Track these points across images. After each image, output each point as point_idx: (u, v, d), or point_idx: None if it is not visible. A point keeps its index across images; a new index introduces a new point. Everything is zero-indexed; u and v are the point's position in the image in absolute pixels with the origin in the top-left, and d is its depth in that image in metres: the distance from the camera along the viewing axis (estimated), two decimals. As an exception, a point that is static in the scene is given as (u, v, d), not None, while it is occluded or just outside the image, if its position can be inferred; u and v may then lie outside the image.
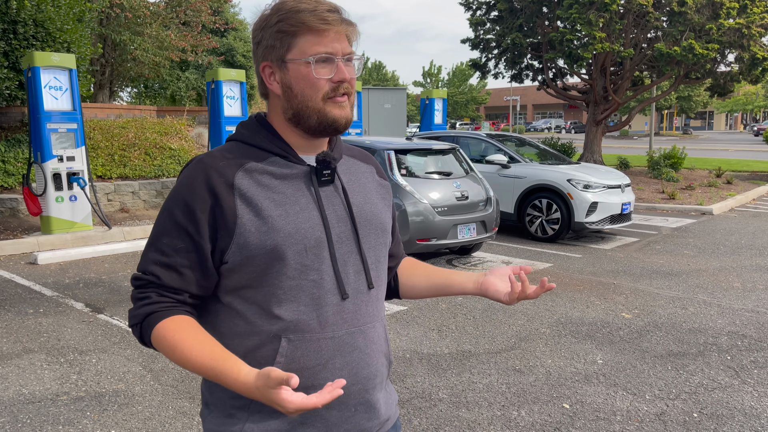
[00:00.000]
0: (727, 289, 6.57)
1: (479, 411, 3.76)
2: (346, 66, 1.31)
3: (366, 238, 1.38)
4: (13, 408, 3.79)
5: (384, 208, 1.47)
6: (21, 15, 10.06)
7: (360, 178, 1.44)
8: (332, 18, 1.28)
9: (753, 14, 15.79)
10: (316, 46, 1.28)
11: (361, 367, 1.34)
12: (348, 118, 1.34)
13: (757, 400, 3.90)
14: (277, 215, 1.27)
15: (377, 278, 1.41)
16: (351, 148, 1.52)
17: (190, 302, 1.32)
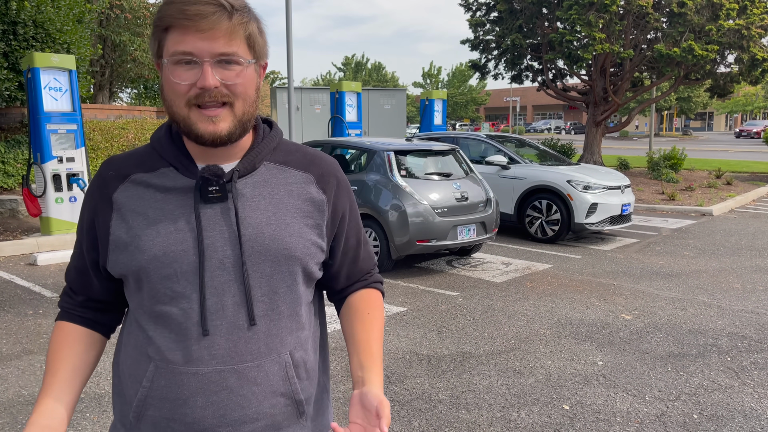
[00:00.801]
0: (727, 290, 6.57)
1: (479, 412, 3.76)
2: (221, 68, 1.12)
3: (258, 265, 1.18)
4: (13, 409, 3.79)
5: (301, 229, 1.23)
6: (21, 16, 10.06)
7: (277, 191, 1.23)
8: (194, 11, 1.08)
9: (753, 15, 15.81)
10: (177, 45, 1.11)
11: (231, 409, 1.18)
12: (218, 134, 1.14)
13: (758, 402, 3.90)
14: (146, 235, 1.17)
15: (270, 311, 1.20)
16: (290, 150, 1.31)
17: (89, 305, 1.31)
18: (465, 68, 59.10)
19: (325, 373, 1.40)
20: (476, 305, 6.00)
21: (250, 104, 1.17)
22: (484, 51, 19.67)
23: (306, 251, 1.23)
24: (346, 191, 1.35)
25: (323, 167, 1.31)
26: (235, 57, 1.12)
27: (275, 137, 1.29)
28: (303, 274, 1.25)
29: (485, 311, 5.81)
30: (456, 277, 7.19)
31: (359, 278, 1.42)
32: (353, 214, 1.37)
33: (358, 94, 13.07)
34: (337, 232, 1.33)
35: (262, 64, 1.21)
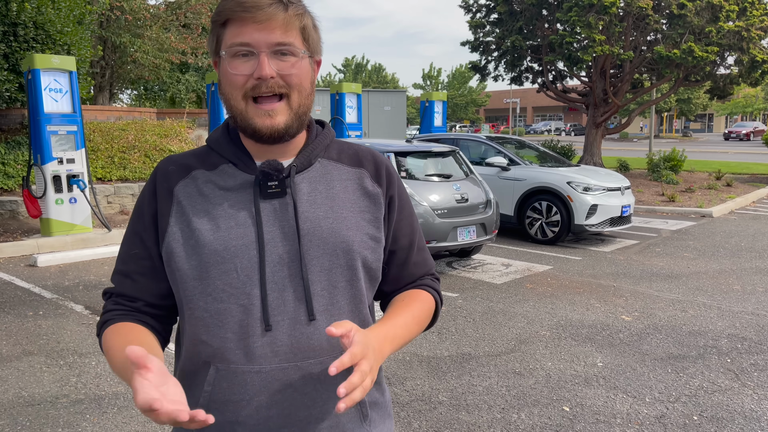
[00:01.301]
0: (727, 291, 6.57)
1: (479, 414, 3.76)
2: (276, 59, 1.12)
3: (316, 260, 1.17)
4: (13, 410, 3.79)
5: (358, 224, 1.22)
6: (21, 17, 10.07)
7: (333, 186, 1.23)
8: (251, 3, 1.10)
9: (752, 17, 15.82)
10: (234, 37, 1.12)
11: (296, 408, 1.16)
12: (275, 128, 1.15)
13: (757, 403, 3.90)
14: (206, 230, 1.16)
15: (330, 306, 1.18)
16: (343, 148, 1.31)
17: (147, 310, 1.24)
18: (465, 70, 59.14)
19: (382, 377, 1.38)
20: (476, 307, 6.00)
21: (305, 96, 1.18)
22: (484, 52, 19.68)
23: (363, 244, 1.22)
24: (400, 188, 1.33)
25: (376, 163, 1.31)
26: (291, 47, 1.13)
27: (328, 135, 1.30)
28: (363, 269, 1.23)
29: (485, 313, 5.81)
30: (456, 278, 7.19)
31: (408, 282, 1.37)
32: (406, 213, 1.34)
33: (358, 95, 13.08)
34: (390, 230, 1.31)
35: (317, 59, 1.22)
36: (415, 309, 1.29)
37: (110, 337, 1.18)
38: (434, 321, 1.38)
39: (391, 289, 1.37)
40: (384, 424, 1.32)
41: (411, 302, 1.30)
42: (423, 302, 1.32)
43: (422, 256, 1.37)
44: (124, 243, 1.27)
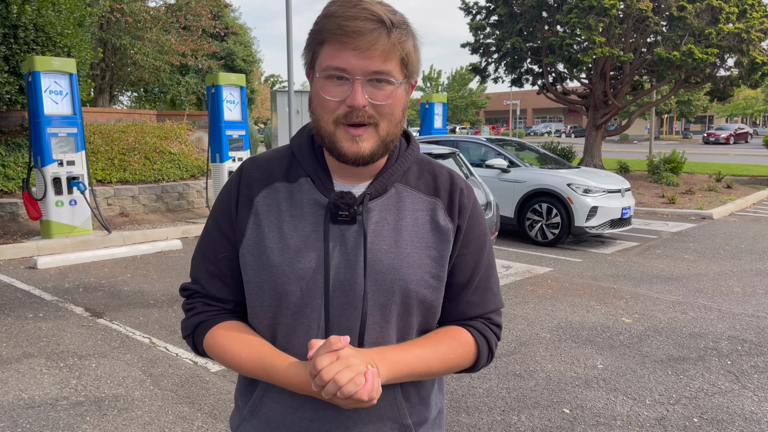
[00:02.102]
0: (727, 293, 6.56)
1: (479, 416, 3.75)
2: (372, 87, 1.10)
3: (372, 293, 1.16)
4: (13, 413, 3.79)
5: (421, 261, 1.19)
6: (21, 19, 10.08)
7: (403, 217, 1.20)
8: (353, 27, 1.06)
9: (752, 19, 15.83)
10: (331, 60, 1.09)
11: (336, 426, 1.18)
12: (360, 155, 1.13)
13: (758, 405, 3.90)
14: (277, 248, 1.18)
15: (380, 339, 1.18)
16: (422, 171, 1.26)
17: (236, 310, 1.28)
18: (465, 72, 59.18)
19: (441, 392, 1.37)
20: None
21: (395, 125, 1.15)
22: (484, 54, 19.69)
23: (423, 283, 1.19)
24: (472, 220, 1.26)
25: (451, 191, 1.25)
26: (388, 77, 1.10)
27: (410, 157, 1.25)
28: (419, 306, 1.20)
29: (485, 315, 5.80)
30: (456, 280, 7.17)
31: (456, 319, 1.28)
32: (472, 248, 1.26)
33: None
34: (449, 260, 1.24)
35: (412, 82, 1.19)
36: (441, 345, 1.22)
37: (223, 337, 1.21)
38: (477, 366, 1.29)
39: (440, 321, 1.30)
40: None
41: (441, 337, 1.24)
42: (455, 341, 1.24)
43: (480, 297, 1.28)
44: (210, 241, 1.27)
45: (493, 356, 1.31)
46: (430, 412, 1.30)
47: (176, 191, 11.96)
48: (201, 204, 12.24)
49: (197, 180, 12.53)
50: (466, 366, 1.27)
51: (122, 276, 7.32)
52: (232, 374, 4.38)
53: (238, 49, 27.80)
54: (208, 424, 3.65)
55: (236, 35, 27.68)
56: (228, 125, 10.92)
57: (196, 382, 4.25)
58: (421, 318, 1.23)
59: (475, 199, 1.28)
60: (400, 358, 1.16)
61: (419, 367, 1.18)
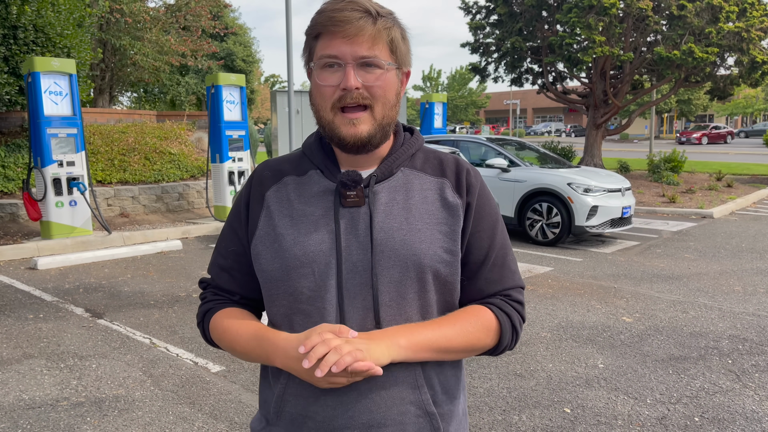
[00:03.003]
0: (728, 292, 6.56)
1: (480, 416, 3.75)
2: (362, 71, 1.17)
3: (386, 270, 1.19)
4: (13, 414, 3.78)
5: (433, 236, 1.22)
6: (21, 20, 10.08)
7: (412, 196, 1.25)
8: (341, 17, 1.15)
9: (752, 18, 15.83)
10: (324, 49, 1.18)
11: (359, 411, 1.20)
12: (358, 136, 1.19)
13: (759, 404, 3.89)
14: (289, 234, 1.23)
15: (397, 316, 1.21)
16: (428, 157, 1.32)
17: (243, 302, 1.35)
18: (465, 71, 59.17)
19: (464, 392, 1.37)
20: (477, 308, 5.99)
21: (389, 108, 1.22)
22: (484, 54, 19.69)
23: (436, 257, 1.21)
24: (482, 198, 1.29)
25: (458, 170, 1.30)
26: (376, 60, 1.17)
27: (414, 144, 1.31)
28: (435, 282, 1.23)
29: (486, 314, 5.80)
30: (456, 280, 7.17)
31: (476, 298, 1.30)
32: (485, 225, 1.29)
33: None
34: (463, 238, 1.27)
35: (405, 71, 1.26)
36: (461, 321, 1.24)
37: (222, 320, 1.31)
38: (501, 344, 1.28)
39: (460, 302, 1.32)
40: None
41: (461, 314, 1.25)
42: (476, 317, 1.25)
43: (498, 273, 1.30)
44: (223, 238, 1.36)
45: (517, 336, 1.31)
46: (456, 407, 1.30)
47: (176, 192, 11.96)
48: (201, 204, 12.24)
49: (197, 180, 12.53)
50: (489, 343, 1.27)
51: (122, 276, 7.32)
52: (232, 374, 4.38)
53: (238, 49, 27.82)
54: (209, 424, 3.65)
55: (236, 35, 27.69)
56: (228, 125, 10.91)
57: (196, 382, 4.25)
58: (439, 295, 1.25)
59: (482, 180, 1.32)
60: (419, 331, 1.19)
61: (439, 342, 1.19)
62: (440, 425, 1.26)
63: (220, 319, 1.31)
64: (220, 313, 1.32)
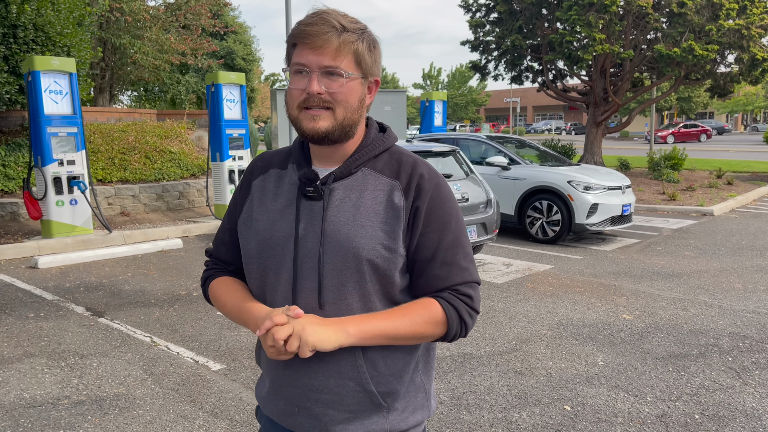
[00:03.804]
0: (728, 290, 6.56)
1: (480, 413, 3.75)
2: (326, 79, 1.33)
3: (331, 259, 1.35)
4: (14, 412, 3.79)
5: (374, 233, 1.36)
6: (21, 19, 10.07)
7: (363, 195, 1.39)
8: (311, 31, 1.32)
9: (752, 15, 15.80)
10: (296, 57, 1.35)
11: (301, 376, 1.41)
12: (316, 130, 1.35)
13: (759, 402, 3.90)
14: (262, 220, 1.45)
15: (338, 301, 1.36)
16: (392, 159, 1.45)
17: (238, 272, 1.57)
18: (465, 69, 59.13)
19: (427, 374, 1.52)
20: (477, 306, 5.99)
21: (351, 111, 1.37)
22: (484, 52, 19.67)
23: (374, 252, 1.35)
24: (433, 202, 1.40)
25: (411, 175, 1.41)
26: (338, 70, 1.33)
27: (379, 145, 1.45)
28: (373, 274, 1.36)
29: (486, 312, 5.81)
30: (457, 278, 7.17)
31: (427, 292, 1.41)
32: (434, 227, 1.39)
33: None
34: (410, 238, 1.39)
35: (371, 80, 1.41)
36: (409, 311, 1.36)
37: (217, 289, 1.55)
38: (449, 333, 1.40)
39: (413, 296, 1.45)
40: (412, 415, 1.47)
41: (410, 306, 1.38)
42: (423, 308, 1.37)
43: (446, 271, 1.40)
44: (225, 216, 1.60)
45: (466, 326, 1.41)
46: (403, 386, 1.44)
47: (177, 190, 11.96)
48: (201, 203, 12.24)
49: (198, 179, 12.53)
50: (437, 333, 1.39)
51: (123, 275, 7.32)
52: (233, 373, 4.39)
53: (238, 47, 27.79)
54: (209, 422, 3.66)
55: (236, 34, 27.67)
56: (228, 124, 10.91)
57: (197, 380, 4.25)
58: (380, 286, 1.38)
59: (438, 184, 1.42)
60: (368, 320, 1.34)
61: (387, 330, 1.34)
62: (382, 402, 1.42)
63: (215, 286, 1.55)
64: (216, 281, 1.57)
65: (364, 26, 1.38)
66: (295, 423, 1.46)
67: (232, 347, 4.90)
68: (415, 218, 1.38)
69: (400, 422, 1.44)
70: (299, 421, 1.45)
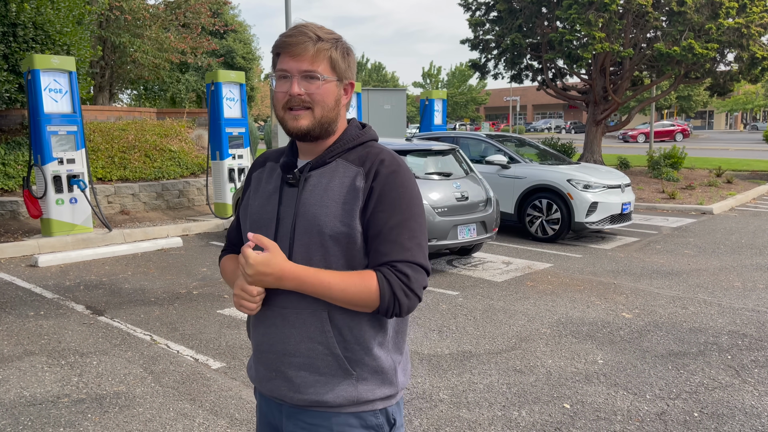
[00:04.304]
0: (727, 288, 6.57)
1: (480, 411, 3.76)
2: (305, 82, 1.52)
3: (300, 236, 1.55)
4: (14, 410, 3.80)
5: (336, 212, 1.53)
6: (20, 18, 10.07)
7: (332, 181, 1.57)
8: (291, 41, 1.52)
9: (752, 14, 15.79)
10: (279, 64, 1.55)
11: (275, 341, 1.59)
12: (299, 128, 1.55)
13: (758, 400, 3.90)
14: (254, 205, 1.67)
15: None
16: (365, 152, 1.61)
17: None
18: (465, 68, 59.09)
19: (397, 349, 1.65)
20: (477, 305, 6.01)
21: (328, 110, 1.56)
22: (483, 50, 19.66)
23: (334, 228, 1.53)
24: (388, 185, 1.54)
25: (372, 162, 1.57)
26: (314, 73, 1.52)
27: (353, 140, 1.62)
28: (335, 248, 1.54)
29: (486, 310, 5.81)
30: (456, 276, 7.19)
31: (371, 266, 1.54)
32: (384, 206, 1.53)
33: (358, 94, 13.08)
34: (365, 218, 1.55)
35: (346, 82, 1.60)
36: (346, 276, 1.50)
37: (223, 263, 1.80)
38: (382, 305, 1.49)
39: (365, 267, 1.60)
40: (383, 387, 1.59)
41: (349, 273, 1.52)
42: (359, 277, 1.50)
43: (388, 248, 1.52)
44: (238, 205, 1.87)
45: (399, 303, 1.49)
46: (370, 356, 1.57)
47: (176, 189, 11.96)
48: (201, 201, 12.24)
49: (197, 177, 12.53)
50: (370, 303, 1.49)
51: (123, 274, 7.33)
52: (233, 371, 4.39)
53: (238, 46, 27.78)
54: (209, 420, 3.66)
55: (235, 33, 27.65)
56: (228, 123, 10.91)
57: (197, 379, 4.26)
58: (344, 260, 1.54)
59: (395, 171, 1.55)
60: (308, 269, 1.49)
61: (321, 280, 1.48)
62: (351, 370, 1.55)
63: (222, 262, 1.80)
64: (224, 258, 1.81)
65: (339, 36, 1.58)
66: (273, 387, 1.61)
67: (231, 345, 4.91)
68: (369, 198, 1.53)
69: (367, 392, 1.56)
70: (277, 384, 1.60)
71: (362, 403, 1.57)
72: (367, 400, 1.57)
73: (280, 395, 1.61)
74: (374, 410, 1.59)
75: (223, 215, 10.87)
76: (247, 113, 11.63)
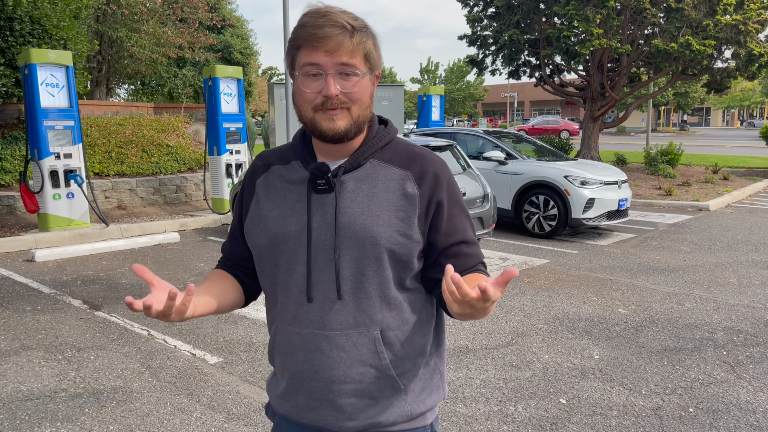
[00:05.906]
0: (723, 284, 6.59)
1: (476, 406, 3.78)
2: (340, 79, 1.33)
3: (348, 249, 1.38)
4: (12, 405, 3.80)
5: (390, 221, 1.39)
6: (17, 12, 10.04)
7: (375, 186, 1.41)
8: (323, 34, 1.31)
9: (750, 10, 15.80)
10: (306, 59, 1.34)
11: (322, 368, 1.42)
12: (336, 130, 1.36)
13: (753, 395, 3.93)
14: (272, 216, 1.45)
15: (357, 290, 1.39)
16: (398, 149, 1.48)
17: (237, 266, 1.61)
18: (463, 64, 59.00)
19: (439, 356, 1.56)
20: (473, 300, 6.01)
21: (364, 108, 1.39)
22: (481, 47, 19.64)
23: (391, 240, 1.38)
24: (446, 189, 1.45)
25: (424, 165, 1.45)
26: (353, 69, 1.34)
27: (384, 137, 1.47)
28: (391, 261, 1.40)
29: (482, 306, 5.82)
30: (453, 272, 7.19)
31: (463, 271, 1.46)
32: (450, 211, 1.45)
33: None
34: (430, 225, 1.44)
35: (376, 74, 1.43)
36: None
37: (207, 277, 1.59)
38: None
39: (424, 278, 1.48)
40: (429, 396, 1.51)
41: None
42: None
43: (474, 250, 1.48)
44: (233, 217, 1.63)
45: None
46: (419, 368, 1.49)
47: (174, 184, 11.95)
48: (198, 197, 12.23)
49: (195, 173, 12.52)
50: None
51: (120, 269, 7.33)
52: (230, 366, 4.40)
53: (235, 41, 27.71)
54: (206, 415, 3.67)
55: (233, 27, 27.58)
56: (225, 118, 10.90)
57: (194, 373, 4.27)
58: (396, 273, 1.42)
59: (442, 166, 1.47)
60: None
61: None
62: (401, 385, 1.45)
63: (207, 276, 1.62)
64: (211, 272, 1.62)
65: (365, 22, 1.39)
66: (317, 417, 1.47)
67: (229, 340, 4.92)
68: (429, 204, 1.42)
69: (418, 404, 1.49)
70: (322, 414, 1.46)
71: (414, 418, 1.49)
72: (419, 414, 1.49)
73: (326, 424, 1.46)
74: (425, 425, 1.51)
75: (221, 210, 10.87)
76: (245, 108, 11.62)
